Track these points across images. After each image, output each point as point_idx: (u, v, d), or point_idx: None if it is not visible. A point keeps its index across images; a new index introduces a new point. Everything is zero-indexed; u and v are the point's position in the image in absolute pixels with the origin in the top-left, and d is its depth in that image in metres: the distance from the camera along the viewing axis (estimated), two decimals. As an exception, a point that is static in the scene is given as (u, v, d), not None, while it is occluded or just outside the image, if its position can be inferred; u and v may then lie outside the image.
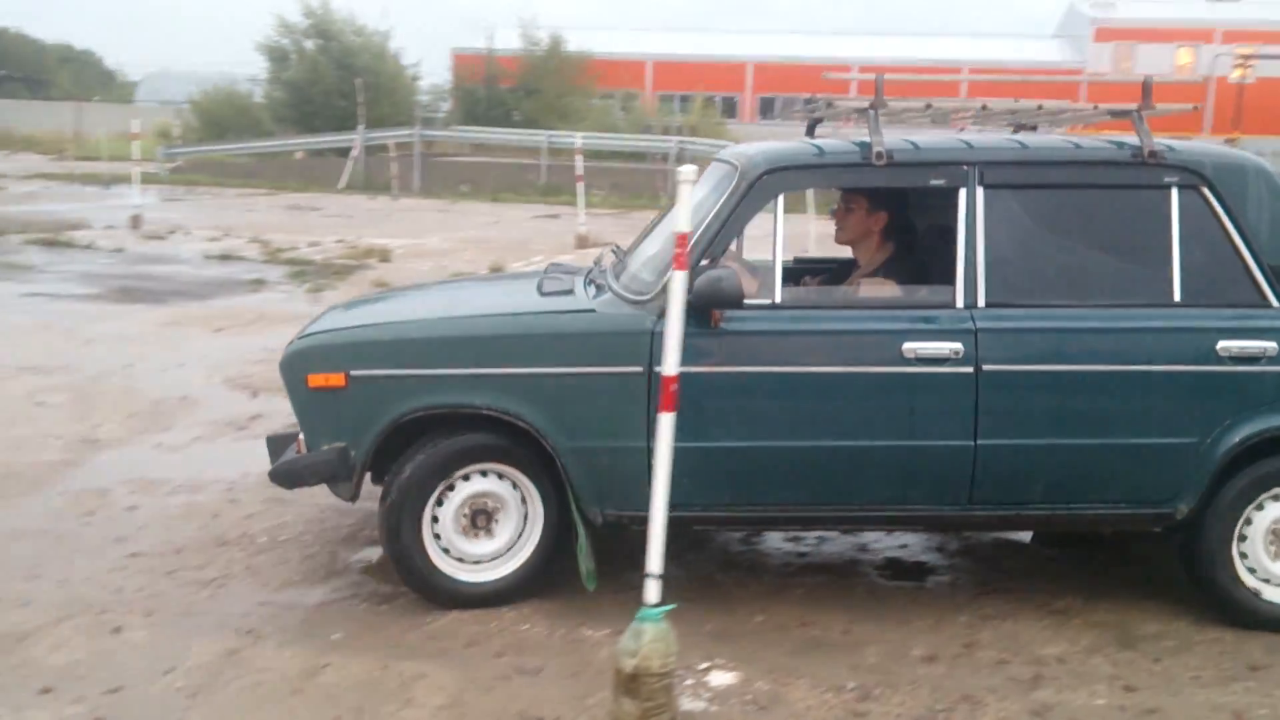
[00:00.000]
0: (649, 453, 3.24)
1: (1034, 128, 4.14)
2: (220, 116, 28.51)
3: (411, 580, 3.51)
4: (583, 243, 12.56)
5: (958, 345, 3.34)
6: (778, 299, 3.44)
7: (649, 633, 2.80)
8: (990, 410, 3.37)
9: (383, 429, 3.41)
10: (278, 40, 27.32)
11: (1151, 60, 37.27)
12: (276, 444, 3.87)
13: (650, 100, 34.85)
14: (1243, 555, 3.48)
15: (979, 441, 3.38)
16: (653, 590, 2.86)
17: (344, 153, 23.23)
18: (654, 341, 3.29)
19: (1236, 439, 3.38)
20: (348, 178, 22.40)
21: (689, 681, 3.08)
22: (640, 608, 2.84)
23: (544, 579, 3.58)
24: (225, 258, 11.56)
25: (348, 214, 16.87)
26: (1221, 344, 3.36)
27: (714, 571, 3.93)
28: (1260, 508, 3.48)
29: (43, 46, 65.14)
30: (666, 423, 2.86)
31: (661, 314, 3.25)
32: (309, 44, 27.14)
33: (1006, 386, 3.37)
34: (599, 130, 23.67)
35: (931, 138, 3.70)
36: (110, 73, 69.68)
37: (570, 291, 3.73)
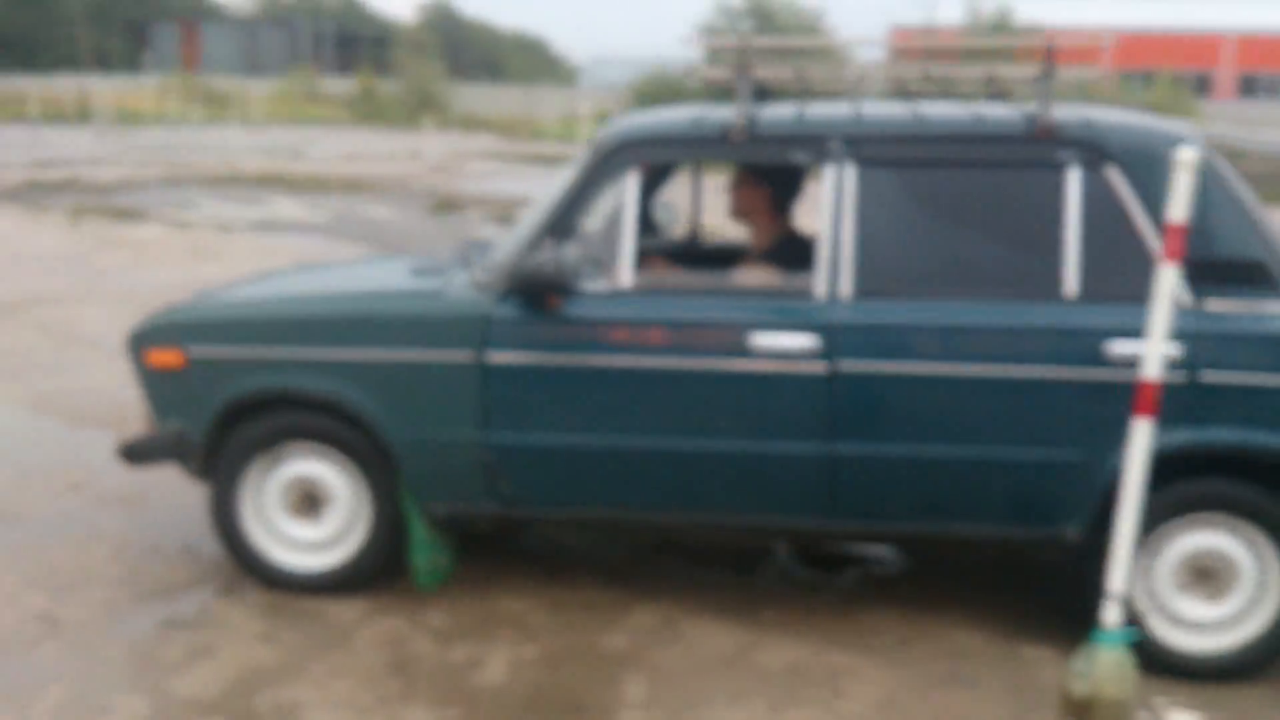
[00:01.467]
0: (482, 447, 3.27)
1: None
2: (656, 99, 30.29)
3: (236, 558, 3.54)
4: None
5: (811, 339, 3.10)
6: (624, 283, 3.24)
7: (1105, 657, 2.69)
8: (848, 413, 3.11)
9: (219, 410, 3.40)
10: (715, 23, 28.59)
11: None
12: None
13: (1109, 77, 32.64)
14: (1146, 590, 3.10)
15: (837, 448, 3.13)
16: (1112, 612, 2.74)
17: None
18: (488, 328, 3.23)
19: (1120, 458, 2.92)
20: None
21: (1144, 716, 2.91)
22: (1094, 629, 2.74)
23: (387, 573, 3.53)
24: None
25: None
26: (1111, 346, 2.98)
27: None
28: (1167, 538, 3.08)
29: (500, 35, 72.62)
30: (1141, 430, 2.72)
31: (502, 298, 3.24)
32: (745, 25, 28.15)
33: (866, 387, 3.09)
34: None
35: (812, 109, 3.38)
36: (556, 59, 76.34)
37: (441, 273, 3.60)
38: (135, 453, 3.60)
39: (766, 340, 3.13)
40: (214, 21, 69.40)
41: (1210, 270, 3.02)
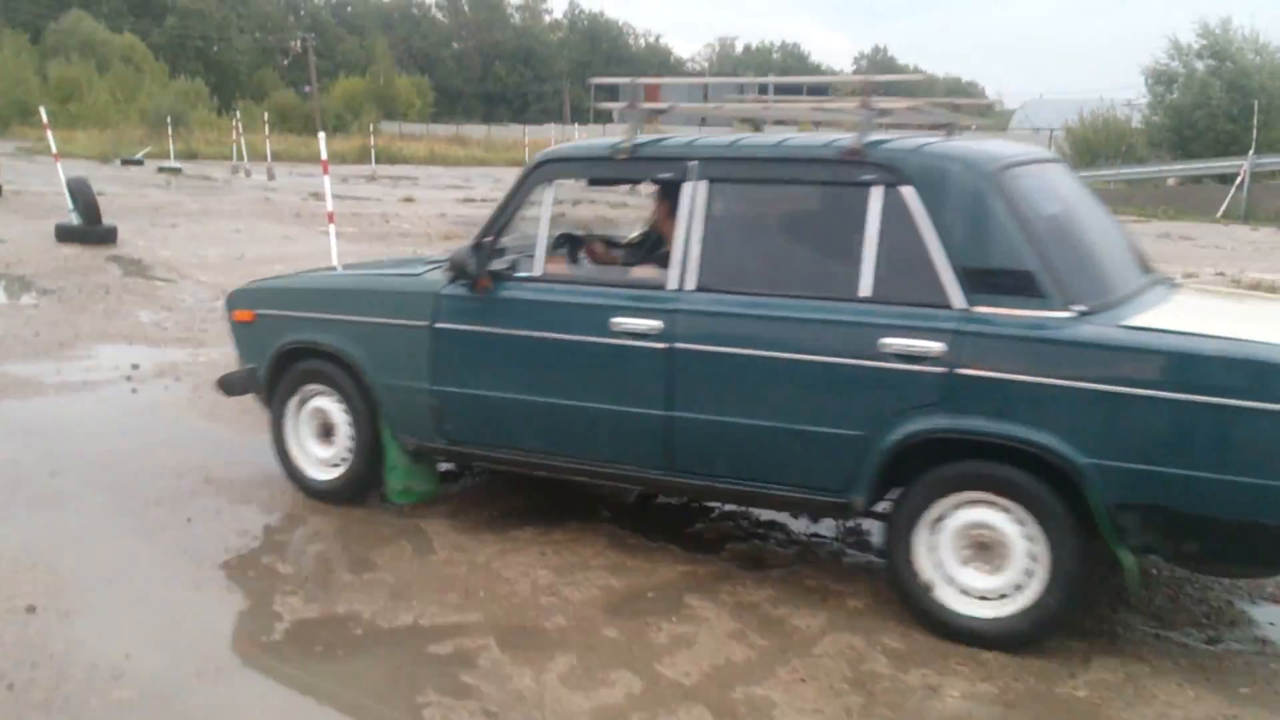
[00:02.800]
0: (429, 393, 4.06)
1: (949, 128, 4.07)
2: (1092, 142, 28.44)
3: (283, 469, 4.56)
4: None
5: (657, 323, 3.61)
6: (537, 272, 3.93)
7: None
8: (682, 385, 3.59)
9: (273, 355, 4.43)
10: (1166, 63, 26.31)
11: None
12: None
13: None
14: (934, 561, 3.38)
15: (673, 413, 3.62)
16: None
17: (1226, 179, 21.59)
18: (438, 303, 4.02)
19: (896, 438, 3.31)
20: (1227, 206, 20.77)
21: None
22: None
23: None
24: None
25: (1223, 245, 15.67)
26: (883, 340, 3.29)
27: None
28: (945, 513, 3.34)
29: (933, 80, 71.38)
30: None
31: (450, 281, 4.02)
32: (1200, 65, 25.67)
33: (695, 364, 3.57)
34: None
35: (687, 136, 3.89)
36: (989, 103, 73.79)
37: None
38: (226, 384, 4.67)
39: (623, 322, 3.68)
40: (672, 77, 73.74)
41: (982, 277, 3.24)
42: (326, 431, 4.46)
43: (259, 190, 20.78)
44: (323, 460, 4.47)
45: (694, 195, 3.67)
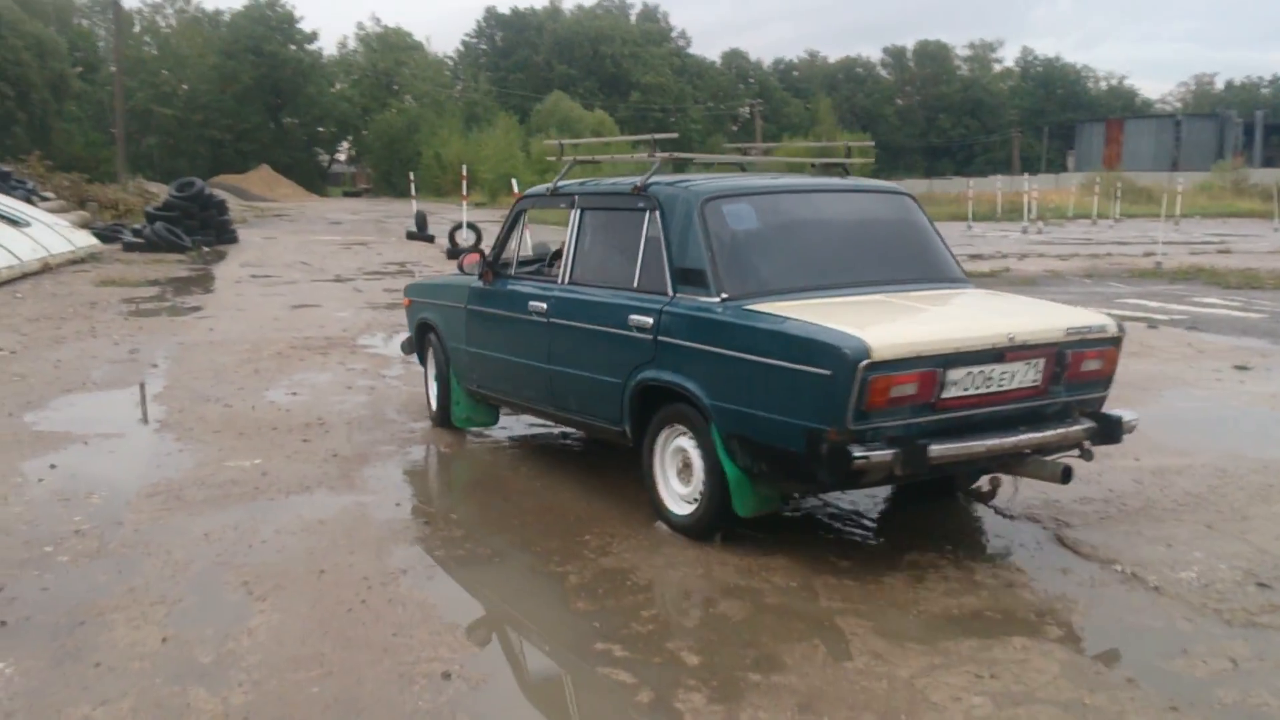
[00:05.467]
0: (466, 352, 6.20)
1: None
2: None
3: (428, 404, 6.98)
4: None
5: (544, 305, 5.39)
6: (511, 273, 5.92)
7: None
8: (553, 346, 5.33)
9: (415, 327, 6.88)
10: None
11: None
12: None
13: None
14: (662, 474, 4.82)
15: (551, 366, 5.36)
16: None
17: None
18: (470, 293, 6.12)
19: (632, 385, 4.81)
20: None
21: None
22: None
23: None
24: None
25: None
26: (631, 317, 4.80)
27: None
28: (667, 442, 4.79)
29: None
30: None
31: (478, 279, 6.07)
32: None
33: (556, 332, 5.31)
34: None
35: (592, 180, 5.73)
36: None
37: None
38: (404, 346, 7.17)
39: (532, 304, 5.48)
40: (1138, 119, 68.08)
41: (682, 274, 4.70)
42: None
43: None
44: (435, 397, 6.71)
45: (574, 219, 5.38)
